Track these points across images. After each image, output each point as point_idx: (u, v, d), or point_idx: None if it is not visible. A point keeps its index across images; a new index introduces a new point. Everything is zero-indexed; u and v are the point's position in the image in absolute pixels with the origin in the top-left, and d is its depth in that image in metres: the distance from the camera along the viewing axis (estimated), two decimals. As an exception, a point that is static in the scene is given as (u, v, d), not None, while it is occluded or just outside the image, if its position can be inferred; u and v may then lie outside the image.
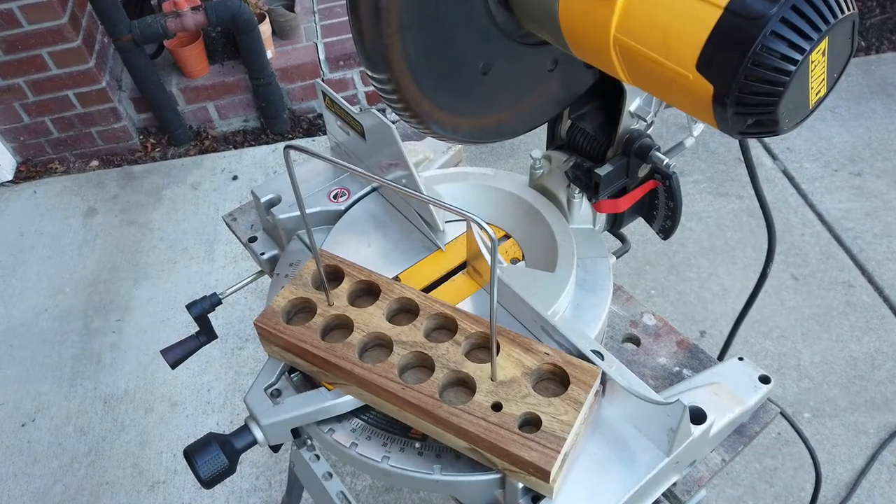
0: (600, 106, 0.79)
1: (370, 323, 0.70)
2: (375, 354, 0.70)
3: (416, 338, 0.69)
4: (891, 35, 2.75)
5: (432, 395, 0.64)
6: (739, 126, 0.50)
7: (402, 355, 0.67)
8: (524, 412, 0.63)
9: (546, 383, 0.67)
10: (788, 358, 1.83)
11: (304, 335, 0.69)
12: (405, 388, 0.65)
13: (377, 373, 0.66)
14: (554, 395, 0.64)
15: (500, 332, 0.68)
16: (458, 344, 0.68)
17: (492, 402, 0.63)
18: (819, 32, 0.45)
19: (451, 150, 1.02)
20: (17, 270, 2.26)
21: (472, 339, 0.69)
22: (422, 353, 0.68)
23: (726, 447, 0.76)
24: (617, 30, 0.52)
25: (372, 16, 0.57)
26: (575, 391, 0.64)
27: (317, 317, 0.71)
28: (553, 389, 0.66)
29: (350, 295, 0.73)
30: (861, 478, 1.61)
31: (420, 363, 0.69)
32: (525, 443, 0.60)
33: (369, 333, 0.69)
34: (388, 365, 0.67)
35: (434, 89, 0.65)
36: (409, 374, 0.68)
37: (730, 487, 1.62)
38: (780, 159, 2.35)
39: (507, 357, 0.66)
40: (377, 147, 0.85)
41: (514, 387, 0.64)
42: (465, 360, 0.67)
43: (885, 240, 2.08)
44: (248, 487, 1.68)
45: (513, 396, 0.64)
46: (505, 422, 0.62)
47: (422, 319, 0.70)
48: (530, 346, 0.67)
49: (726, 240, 2.12)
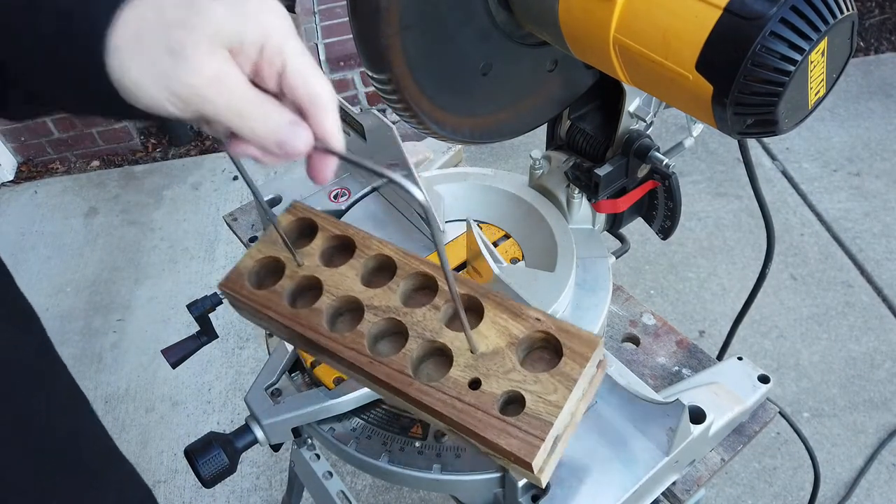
0: (600, 106, 0.79)
1: (341, 285, 0.60)
2: (348, 321, 0.59)
3: (390, 302, 0.58)
4: (890, 36, 2.75)
5: (402, 369, 0.54)
6: (739, 126, 0.50)
7: (374, 322, 0.57)
8: (506, 390, 0.52)
9: (539, 354, 0.56)
10: (787, 358, 1.84)
11: (269, 300, 0.60)
12: (373, 362, 0.55)
13: (345, 343, 0.56)
14: (546, 370, 0.53)
15: (487, 295, 0.57)
16: (437, 309, 0.57)
17: (469, 379, 0.53)
18: (818, 33, 0.45)
19: (451, 150, 1.02)
20: (17, 270, 2.25)
21: (451, 304, 0.57)
22: (395, 320, 0.57)
23: (725, 447, 0.76)
24: (617, 30, 0.52)
25: (372, 16, 0.58)
26: (568, 365, 0.53)
27: (284, 279, 0.61)
28: (547, 361, 0.55)
29: (324, 253, 0.63)
30: (860, 477, 1.61)
31: (395, 331, 0.58)
32: (504, 428, 0.51)
33: (340, 297, 0.59)
34: (356, 334, 0.57)
35: (434, 89, 0.65)
36: (383, 344, 0.58)
37: (729, 487, 1.62)
38: (779, 159, 2.36)
39: (492, 324, 0.56)
40: (377, 147, 0.86)
41: (497, 360, 0.54)
42: (443, 329, 0.56)
43: (883, 240, 2.08)
44: (248, 487, 1.68)
45: (494, 371, 0.53)
46: (482, 402, 0.52)
47: (398, 280, 0.59)
48: (520, 312, 0.56)
49: (725, 240, 2.12)
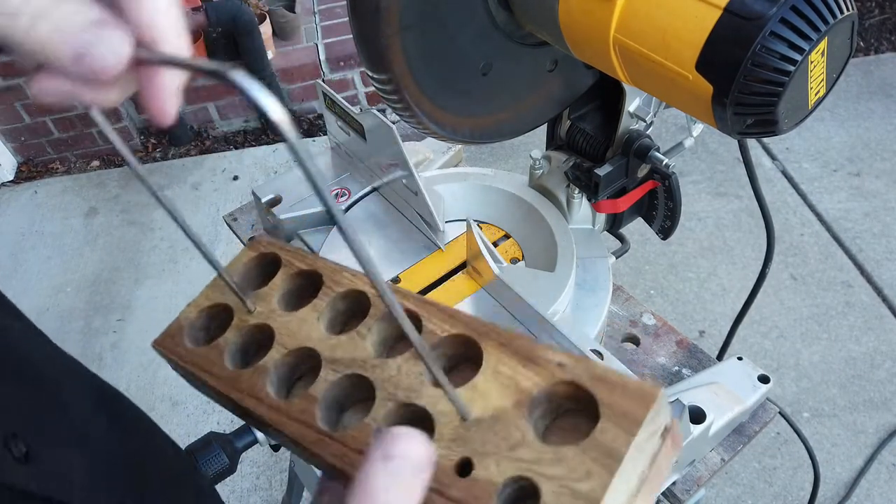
0: (600, 106, 0.79)
1: (297, 333, 0.45)
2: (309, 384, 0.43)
3: (356, 352, 0.42)
4: (890, 36, 2.75)
5: (361, 448, 0.38)
6: (739, 126, 0.50)
7: (331, 382, 0.41)
8: (511, 476, 0.34)
9: (568, 421, 0.38)
10: (787, 358, 1.84)
11: (207, 361, 0.46)
12: (323, 440, 0.39)
13: (289, 414, 0.41)
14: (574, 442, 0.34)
15: (488, 333, 0.40)
16: (419, 358, 0.40)
17: (456, 460, 0.35)
18: (818, 33, 0.45)
19: (451, 150, 1.02)
20: (17, 270, 2.26)
21: (442, 348, 0.41)
22: (357, 377, 0.41)
23: (725, 447, 0.76)
24: (617, 30, 0.52)
25: (372, 16, 0.58)
26: (609, 433, 0.33)
27: (230, 330, 0.47)
28: (579, 430, 0.36)
29: (285, 295, 0.49)
30: (860, 477, 1.61)
31: (362, 393, 0.42)
32: None
33: (293, 350, 0.44)
34: (306, 399, 0.41)
35: (434, 89, 0.65)
36: (350, 413, 0.43)
37: (729, 487, 1.62)
38: (779, 159, 2.36)
39: (494, 375, 0.38)
40: (377, 147, 0.86)
41: (500, 429, 0.36)
42: (423, 386, 0.39)
43: (883, 240, 2.09)
44: (248, 487, 1.68)
45: (494, 447, 0.35)
46: (476, 497, 0.34)
47: (371, 323, 0.43)
48: (534, 355, 0.38)
49: (725, 240, 2.12)
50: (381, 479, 0.30)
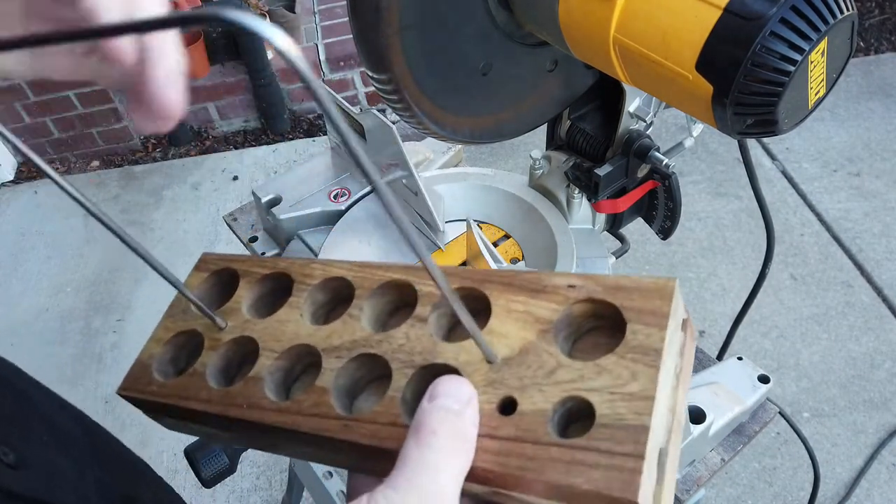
0: (600, 106, 0.79)
1: (282, 335, 0.42)
2: (310, 383, 0.40)
3: (355, 334, 0.40)
4: (890, 36, 2.75)
5: (393, 420, 0.35)
6: (739, 126, 0.50)
7: (337, 370, 0.39)
8: (559, 399, 0.33)
9: (591, 339, 0.37)
10: (787, 358, 1.84)
11: (187, 388, 0.43)
12: (348, 425, 0.36)
13: (302, 411, 0.38)
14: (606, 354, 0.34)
15: (488, 278, 0.39)
16: (424, 321, 0.39)
17: (497, 401, 0.34)
18: (818, 33, 0.45)
19: (451, 150, 1.02)
20: (17, 270, 2.26)
21: (444, 307, 0.40)
22: (367, 356, 0.39)
23: (725, 447, 0.76)
24: (617, 30, 0.52)
25: (372, 16, 0.58)
26: (640, 333, 0.34)
27: (205, 353, 0.44)
28: (602, 344, 0.36)
29: (254, 304, 0.46)
30: (860, 477, 1.61)
31: (373, 373, 0.40)
32: (574, 458, 0.31)
33: (284, 351, 0.41)
34: (315, 393, 0.39)
35: (434, 89, 0.65)
36: (363, 399, 0.40)
37: (729, 487, 1.62)
38: (779, 159, 2.36)
39: (507, 315, 0.37)
40: (377, 147, 0.86)
41: (531, 360, 0.35)
42: (438, 345, 0.38)
43: (883, 240, 2.08)
44: (248, 487, 1.68)
45: (532, 379, 0.34)
46: (528, 429, 0.33)
47: (360, 303, 0.41)
48: (541, 285, 0.37)
49: (725, 240, 2.12)
50: (431, 418, 0.31)
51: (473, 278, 0.39)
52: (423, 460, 0.30)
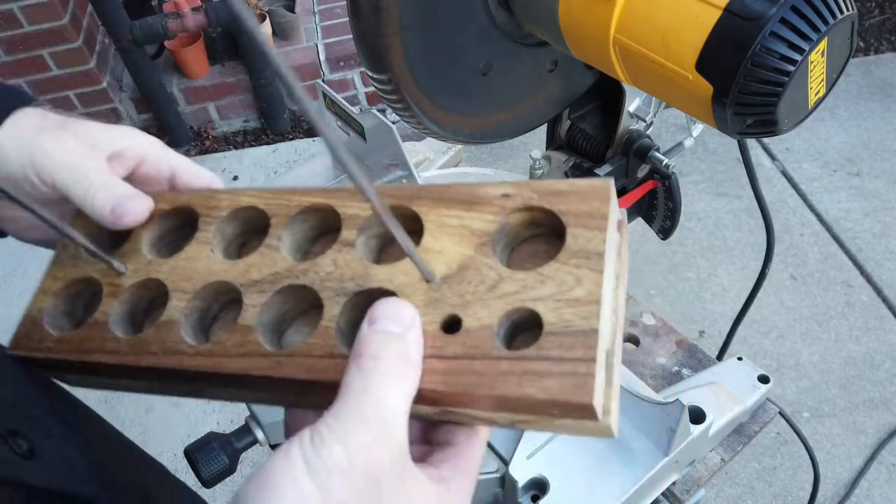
0: (600, 106, 0.79)
1: (193, 274, 0.39)
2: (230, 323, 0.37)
3: (276, 266, 0.37)
4: (890, 36, 2.76)
5: (330, 351, 0.33)
6: (739, 126, 0.50)
7: (260, 305, 0.36)
8: (504, 312, 0.32)
9: (531, 247, 0.36)
10: (787, 358, 1.84)
11: (89, 341, 0.39)
12: (280, 361, 0.34)
13: (225, 352, 0.35)
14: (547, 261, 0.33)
15: (417, 193, 0.36)
16: (350, 245, 0.36)
17: (440, 320, 0.33)
18: (818, 33, 0.45)
19: (451, 150, 1.02)
20: (17, 270, 2.26)
21: (372, 228, 0.37)
22: (293, 287, 0.36)
23: (725, 447, 0.76)
24: (617, 30, 0.52)
25: (372, 16, 0.58)
26: (581, 237, 0.33)
27: (105, 301, 0.40)
28: (542, 251, 0.35)
29: (156, 243, 0.42)
30: (860, 477, 1.61)
31: (301, 305, 0.37)
32: (526, 369, 0.30)
33: (197, 291, 0.38)
34: (239, 331, 0.36)
35: (434, 89, 0.65)
36: (292, 333, 0.38)
37: (729, 487, 1.62)
38: (778, 159, 2.36)
39: (439, 230, 0.35)
40: (377, 147, 0.86)
41: (471, 276, 0.33)
42: (370, 269, 0.35)
43: (883, 240, 2.09)
44: (248, 487, 1.68)
45: (474, 294, 0.33)
46: (476, 345, 0.31)
47: (277, 232, 0.38)
48: (474, 196, 0.35)
49: (725, 240, 2.12)
50: (372, 343, 0.30)
51: (401, 195, 0.37)
52: (366, 387, 0.29)
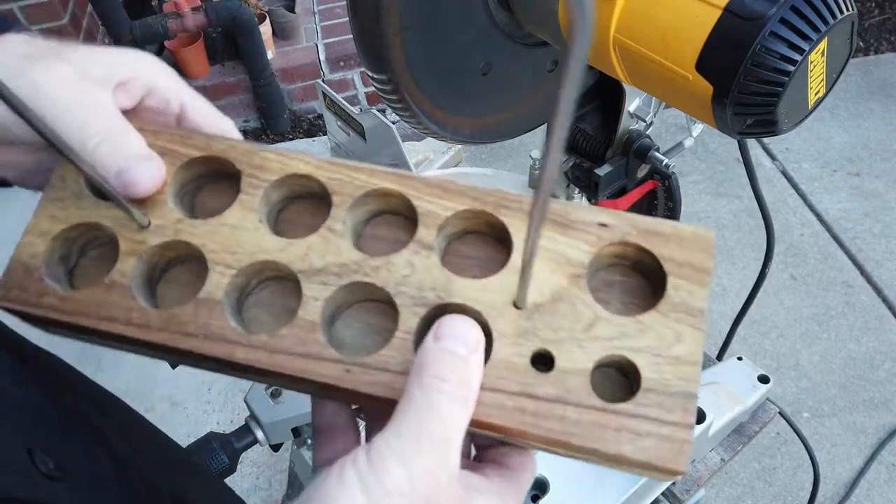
0: (600, 106, 0.79)
1: (237, 246, 0.32)
2: (272, 303, 0.33)
3: (341, 255, 0.32)
4: (890, 36, 2.76)
5: (407, 368, 0.29)
6: (738, 126, 0.50)
7: (325, 300, 0.31)
8: (600, 358, 0.29)
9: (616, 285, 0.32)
10: (787, 358, 1.84)
11: (107, 307, 0.32)
12: (350, 371, 0.30)
13: (291, 350, 0.30)
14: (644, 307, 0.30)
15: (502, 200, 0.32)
16: (429, 248, 0.32)
17: (530, 354, 0.30)
18: (818, 33, 0.45)
19: (451, 150, 1.02)
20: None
21: (453, 227, 0.33)
22: (363, 285, 0.31)
23: (725, 447, 0.76)
24: (617, 30, 0.52)
25: (372, 16, 0.58)
26: (682, 287, 0.30)
27: (123, 259, 0.32)
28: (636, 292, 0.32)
29: (183, 194, 0.35)
30: (860, 477, 1.61)
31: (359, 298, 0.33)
32: (621, 425, 0.28)
33: (244, 268, 0.32)
34: (302, 329, 0.31)
35: (434, 89, 0.65)
36: (343, 324, 0.33)
37: (729, 487, 1.62)
38: (778, 159, 2.36)
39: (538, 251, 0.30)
40: (377, 147, 0.86)
41: (565, 310, 0.30)
42: (452, 280, 0.31)
43: (883, 240, 2.09)
44: (248, 487, 1.68)
45: (567, 332, 0.30)
46: (570, 390, 0.29)
47: (341, 213, 0.33)
48: (568, 220, 0.32)
49: (725, 240, 2.12)
50: (438, 363, 0.28)
51: (485, 200, 0.32)
52: (431, 405, 0.27)
